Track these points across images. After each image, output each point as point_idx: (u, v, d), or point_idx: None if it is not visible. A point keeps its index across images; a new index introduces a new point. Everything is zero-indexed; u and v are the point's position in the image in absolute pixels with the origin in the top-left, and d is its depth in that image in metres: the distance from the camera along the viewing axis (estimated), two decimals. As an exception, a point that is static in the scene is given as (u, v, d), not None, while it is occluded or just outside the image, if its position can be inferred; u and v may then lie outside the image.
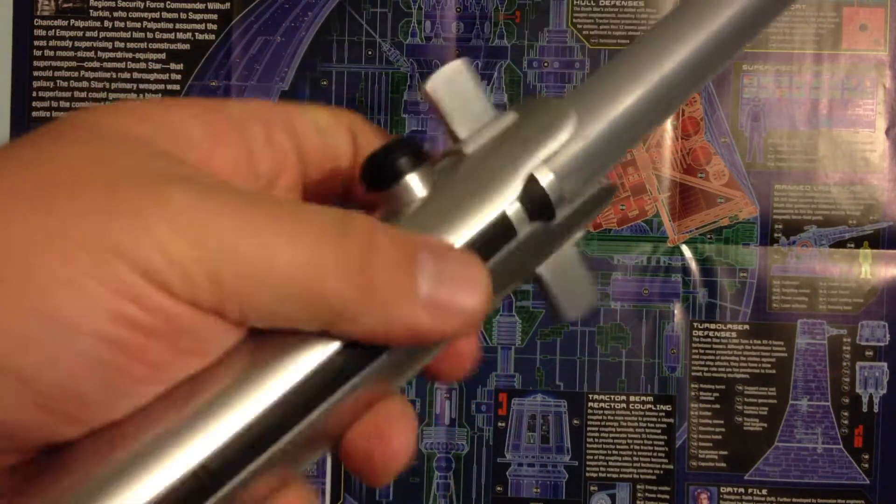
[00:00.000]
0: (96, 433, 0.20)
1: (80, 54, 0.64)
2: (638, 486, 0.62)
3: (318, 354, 0.20)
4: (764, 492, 0.62)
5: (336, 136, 0.25)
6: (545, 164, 0.23)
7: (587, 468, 0.62)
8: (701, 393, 0.62)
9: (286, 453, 0.20)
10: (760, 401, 0.62)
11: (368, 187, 0.23)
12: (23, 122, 0.64)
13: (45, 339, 0.17)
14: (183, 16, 0.64)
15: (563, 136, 0.23)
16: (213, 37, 0.64)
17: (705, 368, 0.62)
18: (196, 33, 0.64)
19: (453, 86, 0.23)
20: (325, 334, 0.20)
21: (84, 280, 0.18)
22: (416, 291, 0.20)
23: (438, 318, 0.20)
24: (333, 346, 0.20)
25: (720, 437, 0.62)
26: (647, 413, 0.62)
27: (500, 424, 0.63)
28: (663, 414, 0.62)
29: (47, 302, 0.17)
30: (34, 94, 0.64)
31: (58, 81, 0.64)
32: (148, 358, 0.19)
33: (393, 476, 0.24)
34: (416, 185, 0.22)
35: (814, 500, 0.61)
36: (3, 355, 0.17)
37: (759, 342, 0.62)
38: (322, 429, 0.21)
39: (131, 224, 0.18)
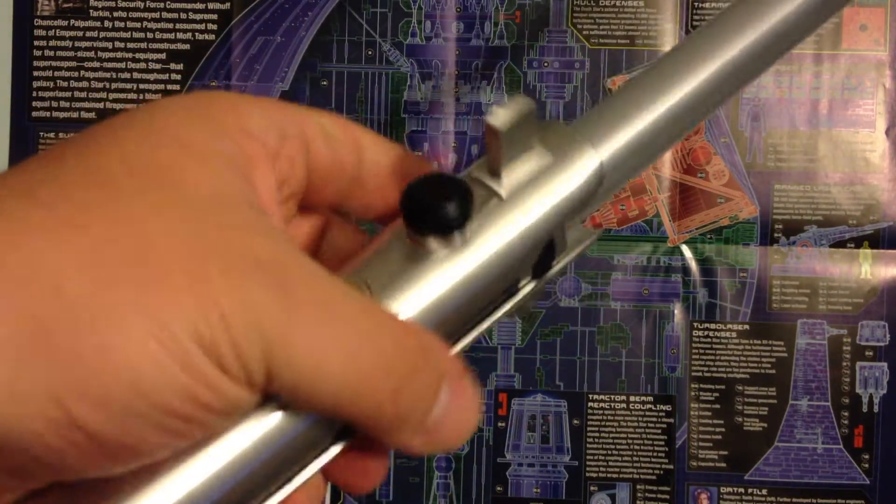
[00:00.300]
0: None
1: (80, 54, 0.64)
2: (638, 486, 0.62)
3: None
4: (764, 492, 0.62)
5: (343, 146, 0.25)
6: (564, 231, 0.24)
7: (587, 468, 0.62)
8: (701, 393, 0.62)
9: None
10: (760, 401, 0.62)
11: (411, 224, 0.22)
12: (23, 122, 0.64)
13: (118, 399, 0.18)
14: (183, 16, 0.64)
15: (588, 191, 0.24)
16: (213, 37, 0.64)
17: (705, 368, 0.62)
18: (196, 33, 0.64)
19: (517, 125, 0.23)
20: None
21: (162, 357, 0.18)
22: (433, 407, 0.21)
23: (430, 444, 0.22)
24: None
25: (720, 437, 0.62)
26: (647, 413, 0.62)
27: (500, 424, 0.63)
28: (663, 414, 0.62)
29: (133, 372, 0.18)
30: (34, 94, 0.64)
31: (58, 81, 0.64)
32: (190, 422, 0.19)
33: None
34: (457, 237, 0.22)
35: (814, 500, 0.61)
36: (73, 398, 0.18)
37: (759, 342, 0.62)
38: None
39: (210, 311, 0.19)
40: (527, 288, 0.24)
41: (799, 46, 0.62)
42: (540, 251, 0.24)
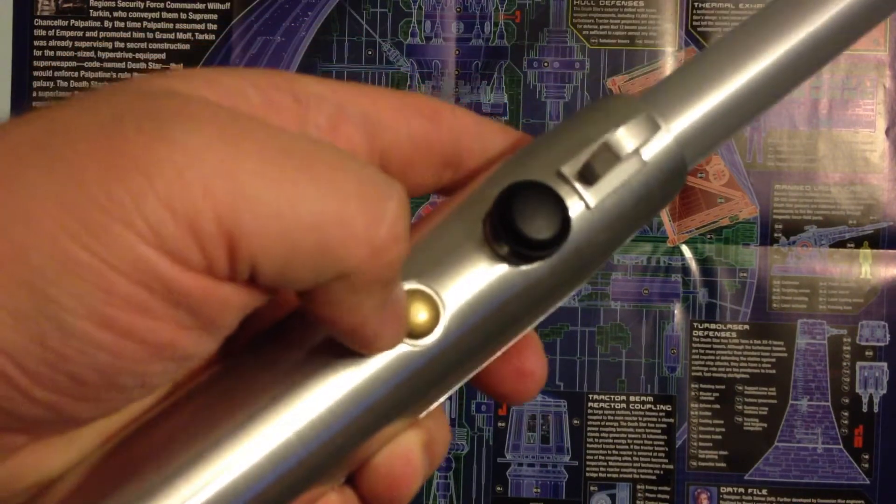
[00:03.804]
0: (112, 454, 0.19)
1: (80, 54, 0.64)
2: (638, 486, 0.62)
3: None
4: (764, 492, 0.62)
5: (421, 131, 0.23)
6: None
7: (587, 468, 0.62)
8: (701, 393, 0.62)
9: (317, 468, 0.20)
10: (760, 401, 0.62)
11: (496, 233, 0.21)
12: (23, 122, 0.64)
13: (32, 317, 0.16)
14: (183, 16, 0.64)
15: (673, 195, 0.23)
16: (213, 37, 0.64)
17: (705, 368, 0.62)
18: (196, 33, 0.64)
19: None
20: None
21: (81, 255, 0.16)
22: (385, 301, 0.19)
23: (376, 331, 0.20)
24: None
25: (720, 437, 0.62)
26: (647, 413, 0.62)
27: (500, 424, 0.63)
28: (663, 414, 0.62)
29: (39, 280, 0.16)
30: (34, 94, 0.64)
31: (58, 81, 0.64)
32: (149, 339, 0.17)
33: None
34: (546, 263, 0.21)
35: (814, 500, 0.61)
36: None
37: (759, 342, 0.62)
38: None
39: (133, 178, 0.16)
40: (579, 286, 0.23)
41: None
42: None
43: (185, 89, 0.19)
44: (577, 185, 0.21)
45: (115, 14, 0.64)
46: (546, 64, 0.63)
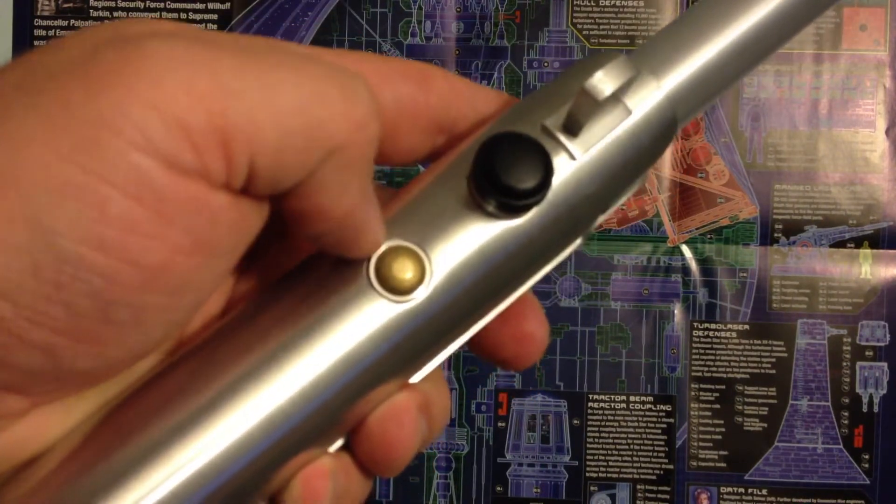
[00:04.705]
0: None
1: (80, 54, 0.64)
2: (638, 486, 0.62)
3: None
4: (764, 492, 0.62)
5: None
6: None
7: (587, 468, 0.62)
8: (701, 393, 0.62)
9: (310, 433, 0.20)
10: (760, 401, 0.62)
11: (480, 188, 0.21)
12: (23, 122, 0.64)
13: (26, 248, 0.16)
14: (183, 16, 0.64)
15: (662, 149, 0.22)
16: (213, 37, 0.64)
17: (705, 368, 0.62)
18: (200, 28, 0.64)
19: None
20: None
21: (73, 174, 0.16)
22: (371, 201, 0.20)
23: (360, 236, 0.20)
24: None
25: (720, 437, 0.62)
26: (647, 413, 0.62)
27: (500, 424, 0.63)
28: (663, 414, 0.62)
29: (32, 209, 0.16)
30: (34, 94, 0.64)
31: (58, 81, 0.64)
32: (142, 260, 0.17)
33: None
34: (533, 214, 0.21)
35: (814, 500, 0.61)
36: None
37: (759, 342, 0.62)
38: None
39: (117, 90, 0.16)
40: (573, 246, 0.23)
41: (799, 46, 0.62)
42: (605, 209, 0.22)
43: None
44: (561, 137, 0.21)
45: (116, 14, 0.64)
46: (546, 64, 0.63)
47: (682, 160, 0.62)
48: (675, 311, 0.62)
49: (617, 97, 0.21)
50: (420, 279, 0.20)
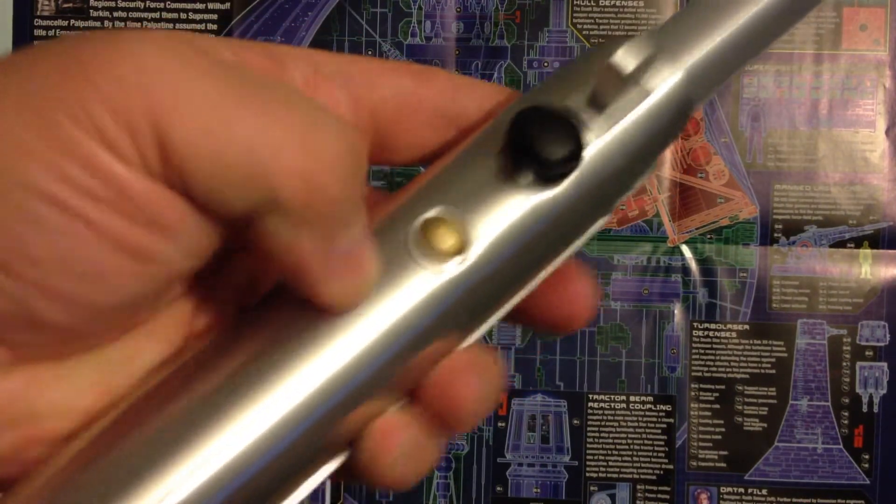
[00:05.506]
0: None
1: (80, 54, 0.64)
2: (638, 486, 0.62)
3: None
4: (764, 492, 0.62)
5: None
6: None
7: (587, 468, 0.62)
8: (701, 393, 0.62)
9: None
10: (760, 401, 0.62)
11: (513, 157, 0.21)
12: (23, 122, 0.64)
13: None
14: (183, 16, 0.64)
15: (680, 127, 0.23)
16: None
17: (705, 368, 0.62)
18: (196, 33, 0.64)
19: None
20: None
21: (31, 140, 0.17)
22: (332, 245, 0.19)
23: (327, 280, 0.20)
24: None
25: (720, 437, 0.62)
26: (647, 413, 0.62)
27: (500, 424, 0.63)
28: (663, 414, 0.62)
29: None
30: (34, 94, 0.64)
31: (58, 81, 0.64)
32: (102, 227, 0.18)
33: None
34: (565, 186, 0.21)
35: (814, 500, 0.61)
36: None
37: (759, 342, 0.62)
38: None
39: (81, 81, 0.17)
40: (600, 223, 0.23)
41: (799, 46, 0.62)
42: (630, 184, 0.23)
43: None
44: (587, 114, 0.22)
45: (116, 14, 0.64)
46: (546, 64, 0.63)
47: (682, 160, 0.62)
48: (675, 311, 0.62)
49: (638, 76, 0.22)
50: (461, 248, 0.21)
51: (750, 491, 0.62)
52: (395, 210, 0.21)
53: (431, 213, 0.21)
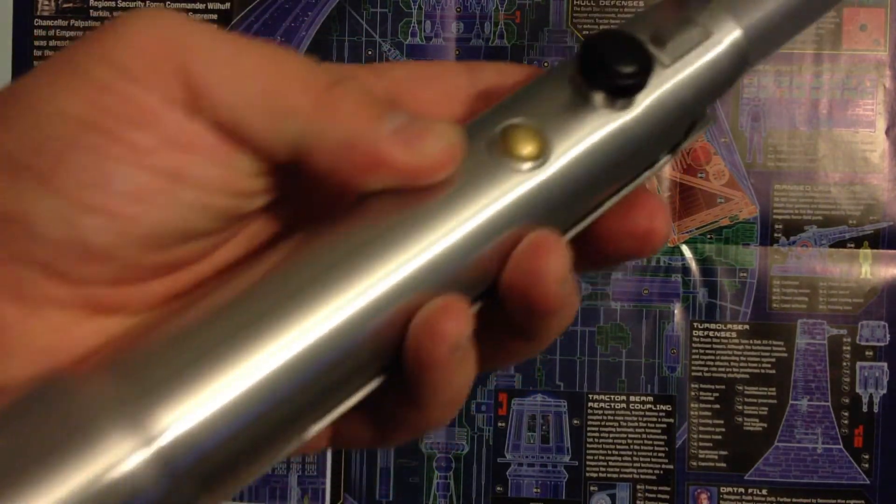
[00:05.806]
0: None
1: (80, 54, 0.64)
2: (638, 486, 0.62)
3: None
4: (764, 492, 0.62)
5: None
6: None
7: (587, 468, 0.62)
8: (701, 393, 0.62)
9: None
10: (760, 401, 0.62)
11: (585, 77, 0.22)
12: (23, 122, 0.64)
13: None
14: (183, 16, 0.64)
15: (739, 71, 0.24)
16: (213, 37, 0.64)
17: (705, 368, 0.62)
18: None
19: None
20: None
21: (64, 79, 0.20)
22: (379, 125, 0.21)
23: (401, 149, 0.21)
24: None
25: (720, 437, 0.62)
26: (647, 413, 0.62)
27: (500, 424, 0.63)
28: (663, 414, 0.62)
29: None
30: (34, 94, 0.64)
31: (58, 81, 0.64)
32: (134, 146, 0.19)
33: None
34: (623, 100, 0.23)
35: (814, 500, 0.61)
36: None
37: (759, 342, 0.62)
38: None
39: (108, 38, 0.20)
40: (663, 160, 0.24)
41: (799, 46, 0.62)
42: (688, 125, 0.24)
43: None
44: (651, 46, 0.23)
45: (115, 14, 0.64)
46: (546, 64, 0.63)
47: (682, 160, 0.62)
48: (675, 311, 0.62)
49: (697, 19, 0.23)
50: (537, 155, 0.22)
51: (750, 491, 0.62)
52: (477, 119, 0.23)
53: (511, 122, 0.22)
